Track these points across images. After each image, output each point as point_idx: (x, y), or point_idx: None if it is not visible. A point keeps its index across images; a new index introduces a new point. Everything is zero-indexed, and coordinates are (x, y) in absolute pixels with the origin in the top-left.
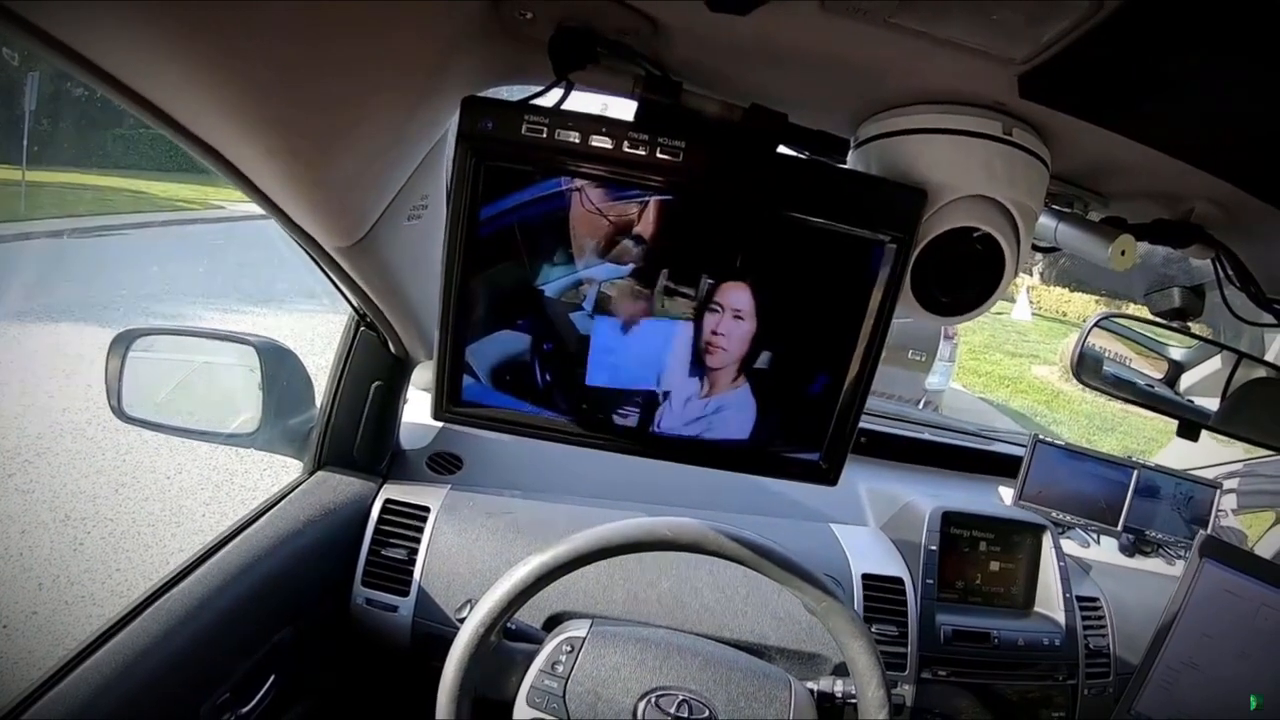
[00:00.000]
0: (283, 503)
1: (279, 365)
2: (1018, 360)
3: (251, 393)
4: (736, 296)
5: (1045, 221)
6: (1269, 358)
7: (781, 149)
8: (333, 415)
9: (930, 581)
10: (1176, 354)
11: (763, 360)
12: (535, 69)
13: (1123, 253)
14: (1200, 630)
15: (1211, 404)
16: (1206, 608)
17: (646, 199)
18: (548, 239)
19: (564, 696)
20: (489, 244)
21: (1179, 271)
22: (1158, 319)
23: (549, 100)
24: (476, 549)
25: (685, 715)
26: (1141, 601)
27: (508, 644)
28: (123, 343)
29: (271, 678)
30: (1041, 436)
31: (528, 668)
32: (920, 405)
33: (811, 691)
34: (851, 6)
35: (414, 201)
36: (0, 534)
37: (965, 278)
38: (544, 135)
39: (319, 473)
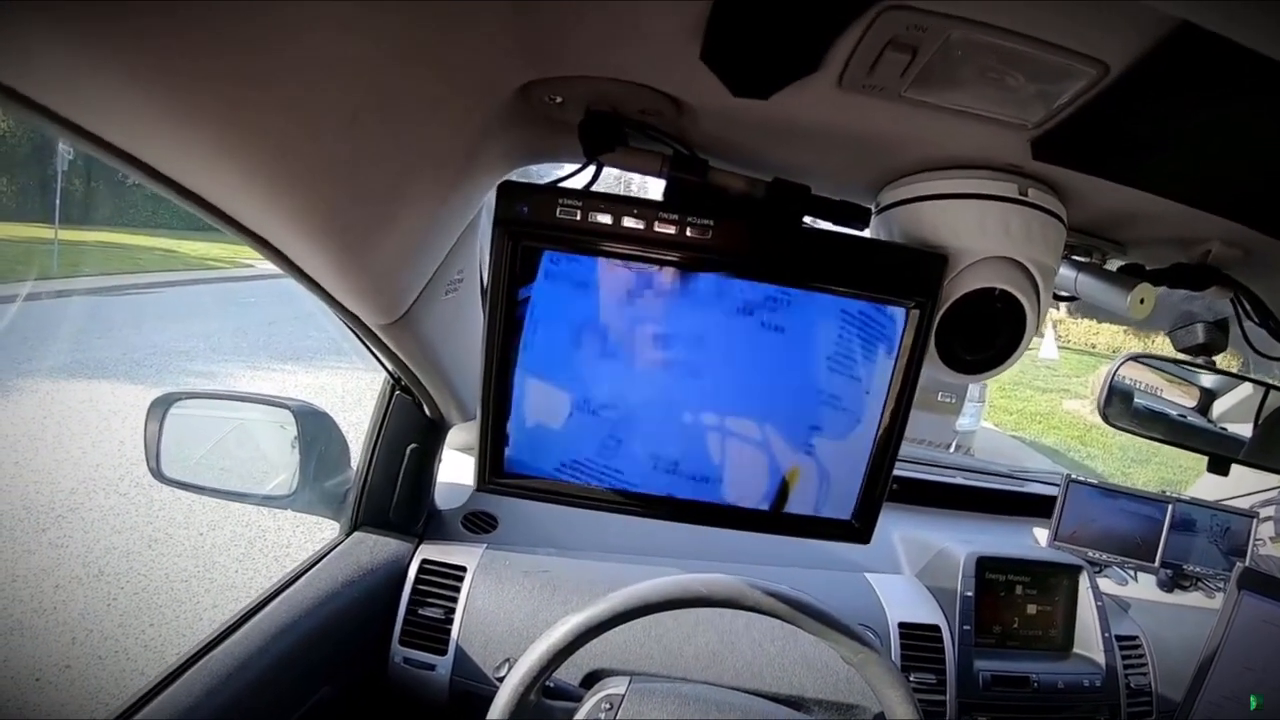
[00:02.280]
0: (321, 564)
1: (315, 428)
2: (1048, 396)
3: (287, 454)
4: None
5: (1065, 272)
6: None
7: (806, 220)
8: (369, 477)
9: (967, 628)
10: (1207, 381)
11: None
12: (565, 149)
13: (1141, 301)
14: (1242, 664)
15: (1246, 430)
16: (1247, 641)
17: (676, 274)
18: (584, 313)
19: None
20: (530, 321)
21: (1201, 308)
22: (1183, 356)
23: (580, 179)
24: (514, 607)
25: None
26: (1182, 637)
27: (547, 702)
28: (161, 406)
29: None
30: (1074, 476)
31: None
32: (952, 448)
33: None
34: (866, 85)
35: (451, 276)
36: (34, 588)
37: (988, 336)
38: (578, 218)
39: (356, 533)
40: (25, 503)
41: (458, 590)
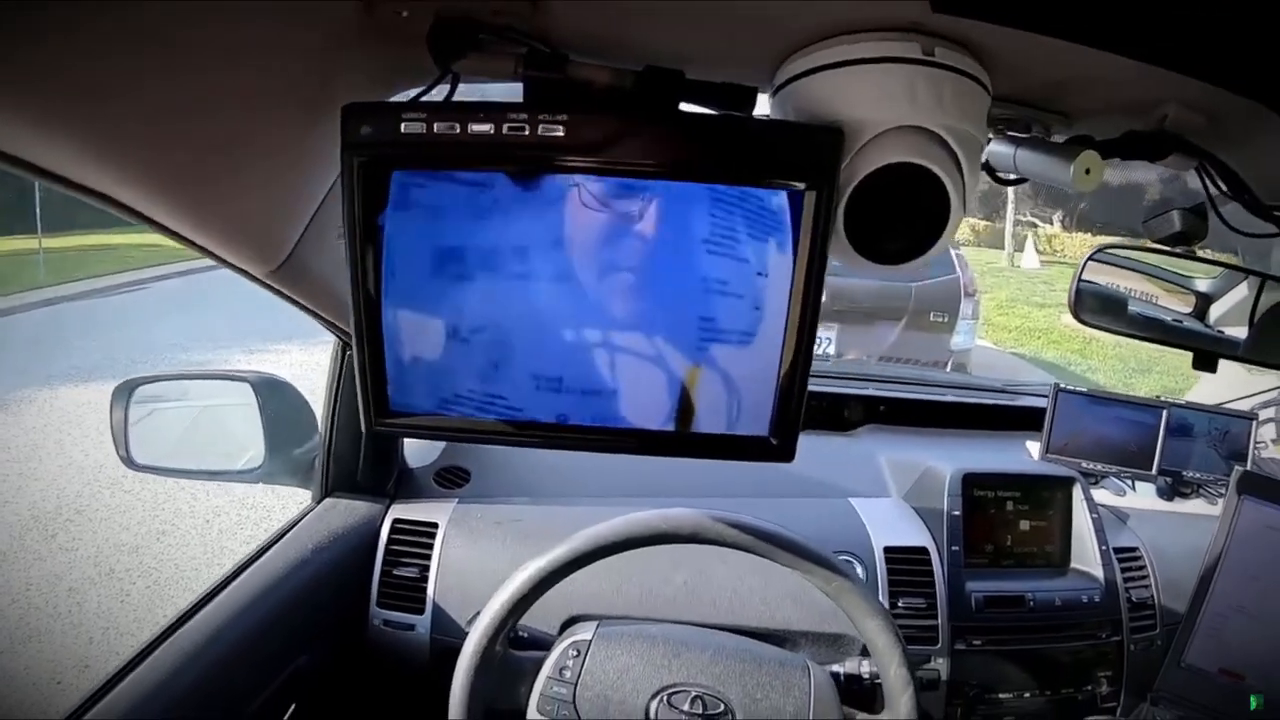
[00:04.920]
0: (290, 533)
1: (276, 398)
2: (1046, 311)
3: (256, 428)
4: None
5: (1002, 149)
6: None
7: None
8: (333, 442)
9: (956, 548)
10: (1203, 285)
11: None
12: (425, 70)
13: (1087, 171)
14: (1246, 572)
15: (1244, 333)
16: (1250, 548)
17: (540, 178)
18: (446, 235)
19: (574, 702)
20: (387, 248)
21: (1176, 193)
22: (1161, 247)
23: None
24: (487, 559)
25: (700, 712)
26: (1184, 546)
27: (515, 653)
28: (124, 392)
29: (292, 706)
30: (1063, 385)
31: (537, 675)
32: (948, 366)
33: (838, 675)
34: None
35: (339, 218)
36: (48, 593)
37: (909, 219)
38: (424, 131)
39: (327, 500)
40: (33, 511)
41: (431, 547)
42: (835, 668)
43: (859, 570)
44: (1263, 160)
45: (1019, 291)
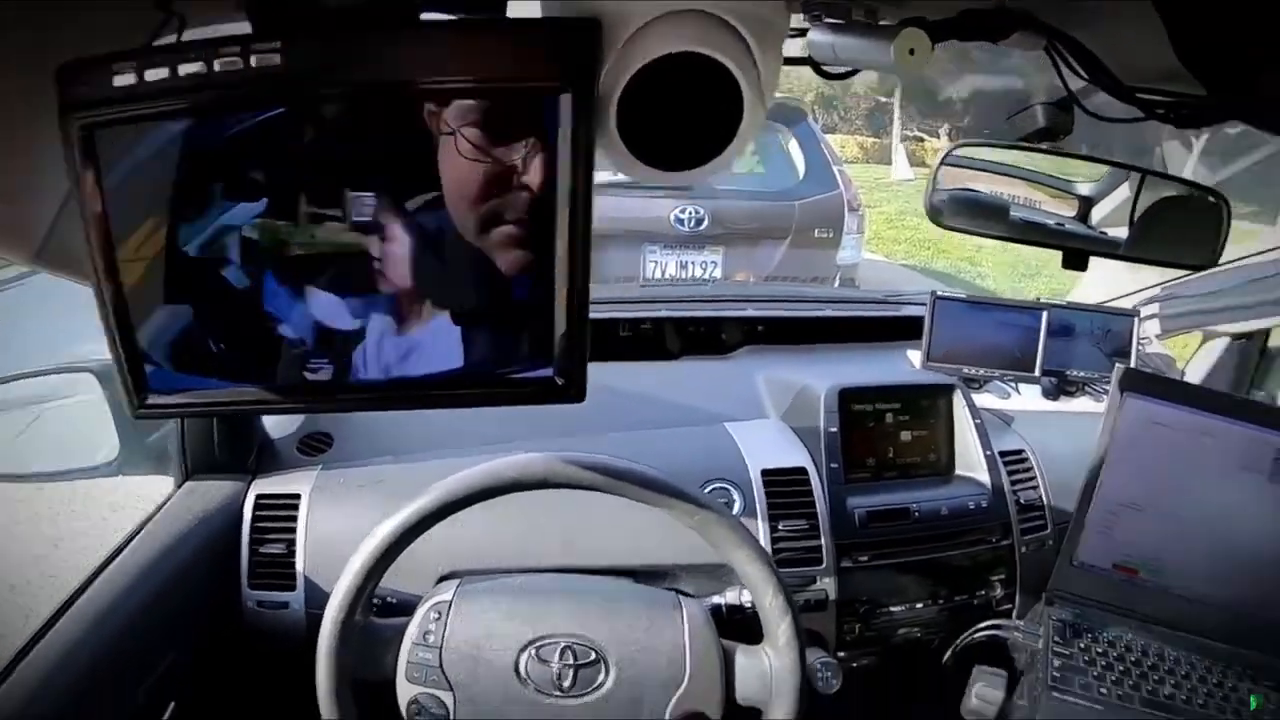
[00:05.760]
0: (150, 524)
1: None
2: None
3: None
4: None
5: (820, 39)
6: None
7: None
8: (184, 422)
9: (835, 465)
10: (1085, 189)
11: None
12: (148, 14)
13: (911, 51)
14: (1134, 468)
15: (1126, 233)
16: (1137, 444)
17: (258, 117)
18: (175, 193)
19: (441, 666)
20: (121, 215)
21: (1042, 88)
22: (1025, 144)
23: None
24: (352, 525)
25: (571, 663)
26: (1072, 446)
27: (376, 621)
28: None
29: (171, 705)
30: (940, 292)
31: (402, 641)
32: (835, 282)
33: (719, 607)
34: None
35: None
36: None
37: (699, 120)
38: (135, 81)
39: (187, 483)
40: None
41: (295, 519)
42: (716, 599)
43: (736, 497)
44: (1120, 35)
45: (907, 205)
